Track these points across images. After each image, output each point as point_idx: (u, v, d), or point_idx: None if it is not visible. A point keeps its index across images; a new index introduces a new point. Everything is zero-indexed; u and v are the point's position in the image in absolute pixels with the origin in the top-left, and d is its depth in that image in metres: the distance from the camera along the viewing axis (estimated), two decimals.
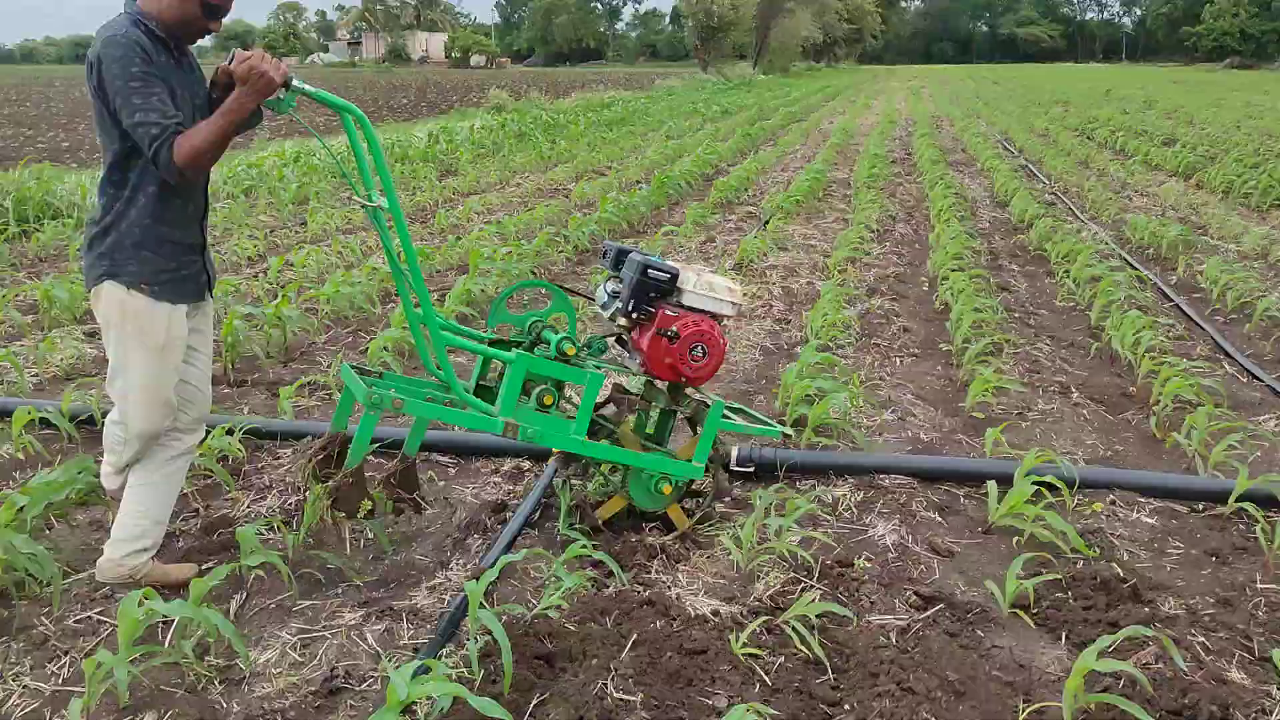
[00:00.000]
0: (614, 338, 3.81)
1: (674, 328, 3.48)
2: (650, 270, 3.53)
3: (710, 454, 3.63)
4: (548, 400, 3.44)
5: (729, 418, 3.68)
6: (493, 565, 2.97)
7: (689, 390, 3.73)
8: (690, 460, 3.59)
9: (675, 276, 3.55)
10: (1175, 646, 2.88)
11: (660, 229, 9.65)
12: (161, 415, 3.13)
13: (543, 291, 3.87)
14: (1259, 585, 3.39)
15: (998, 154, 16.20)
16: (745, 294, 7.26)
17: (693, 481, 3.69)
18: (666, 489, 3.60)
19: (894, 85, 48.43)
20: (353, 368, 3.40)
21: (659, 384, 3.71)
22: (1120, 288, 6.87)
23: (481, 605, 2.87)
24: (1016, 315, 6.87)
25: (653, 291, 3.54)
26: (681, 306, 3.54)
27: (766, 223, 10.03)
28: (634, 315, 3.58)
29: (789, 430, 3.70)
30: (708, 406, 3.62)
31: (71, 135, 20.65)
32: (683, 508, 3.70)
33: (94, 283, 3.03)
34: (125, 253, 2.97)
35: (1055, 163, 14.79)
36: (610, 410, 3.68)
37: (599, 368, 3.64)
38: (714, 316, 3.56)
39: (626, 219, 9.87)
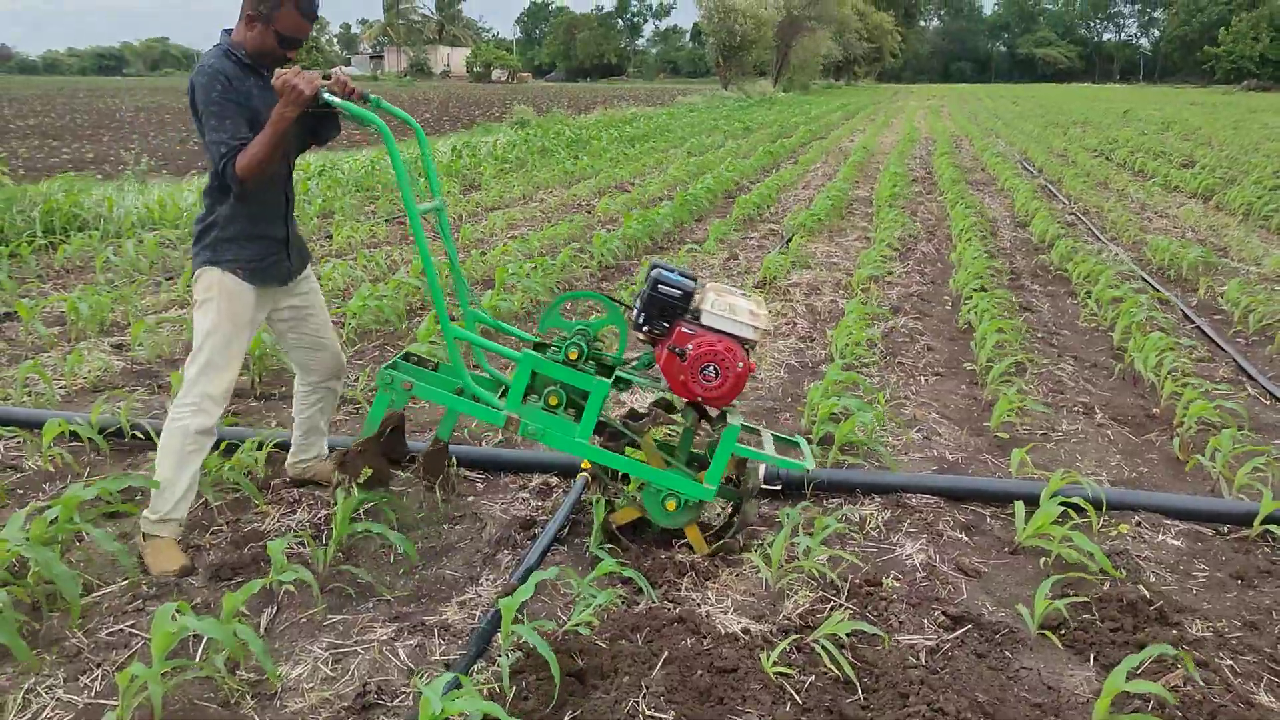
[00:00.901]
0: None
1: (687, 346, 3.49)
2: (661, 286, 3.57)
3: (739, 483, 3.63)
4: (553, 401, 3.60)
5: (747, 443, 3.64)
6: (525, 582, 2.99)
7: (715, 411, 3.72)
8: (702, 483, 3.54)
9: (689, 294, 3.55)
10: (1202, 668, 2.89)
11: (684, 246, 9.68)
12: (228, 382, 3.58)
13: (598, 303, 3.95)
14: None
15: (1017, 173, 16.20)
16: (770, 312, 7.27)
17: (702, 503, 3.61)
18: (671, 505, 3.59)
19: (913, 104, 48.46)
20: (410, 355, 3.80)
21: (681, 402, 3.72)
22: (1142, 309, 6.86)
23: (514, 621, 2.89)
24: (1039, 335, 6.87)
25: (665, 307, 3.56)
26: (700, 325, 3.55)
27: (789, 240, 10.06)
28: (645, 329, 3.62)
29: (811, 464, 3.64)
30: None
31: (96, 147, 20.85)
32: (705, 533, 3.71)
33: (198, 268, 3.56)
34: (223, 245, 3.51)
35: (1074, 183, 14.77)
36: (641, 420, 3.71)
37: (627, 379, 3.70)
38: (735, 338, 3.54)
39: (650, 235, 9.91)
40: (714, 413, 3.75)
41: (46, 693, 2.81)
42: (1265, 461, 4.25)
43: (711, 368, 3.50)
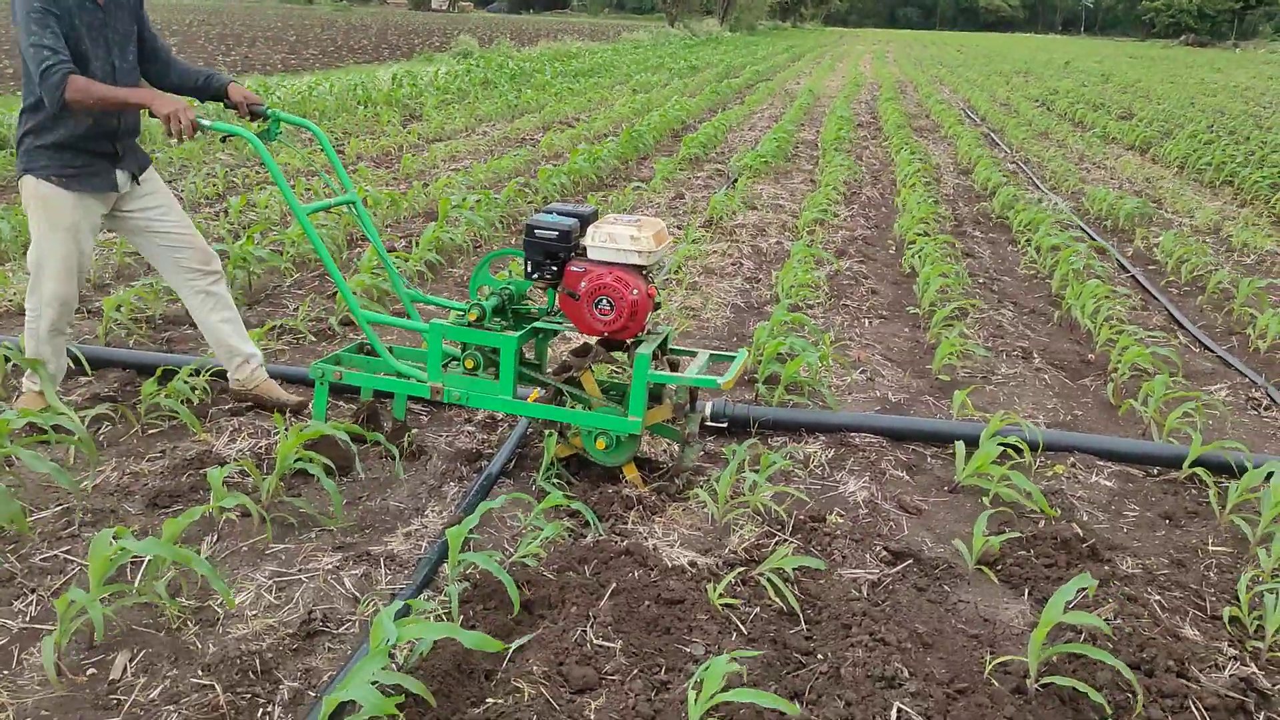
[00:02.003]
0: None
1: (580, 284, 3.45)
2: (536, 230, 3.53)
3: (679, 414, 3.63)
4: (469, 364, 3.64)
5: (661, 369, 3.62)
6: (473, 512, 2.98)
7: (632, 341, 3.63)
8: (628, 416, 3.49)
9: (567, 233, 3.50)
10: (1131, 603, 2.99)
11: (630, 184, 9.61)
12: (60, 287, 3.74)
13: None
14: (1210, 547, 3.50)
15: (960, 121, 16.30)
16: (717, 251, 7.27)
17: (635, 437, 3.55)
18: (600, 444, 3.57)
19: (859, 48, 48.37)
20: (362, 347, 3.95)
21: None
22: (1080, 258, 6.98)
23: (462, 550, 2.88)
24: (980, 281, 6.96)
25: (547, 251, 3.52)
26: (588, 261, 3.50)
27: (735, 181, 10.03)
28: (536, 277, 3.59)
29: (723, 380, 3.48)
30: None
31: (16, 62, 19.95)
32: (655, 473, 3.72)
33: (18, 176, 3.69)
34: (37, 152, 3.61)
35: (1016, 132, 14.92)
36: (573, 364, 3.68)
37: (550, 329, 3.74)
38: (623, 266, 3.46)
39: (595, 172, 9.81)
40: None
41: None
42: (1194, 407, 4.37)
43: (604, 300, 3.45)
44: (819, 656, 2.74)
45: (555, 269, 3.54)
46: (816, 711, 2.50)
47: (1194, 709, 2.55)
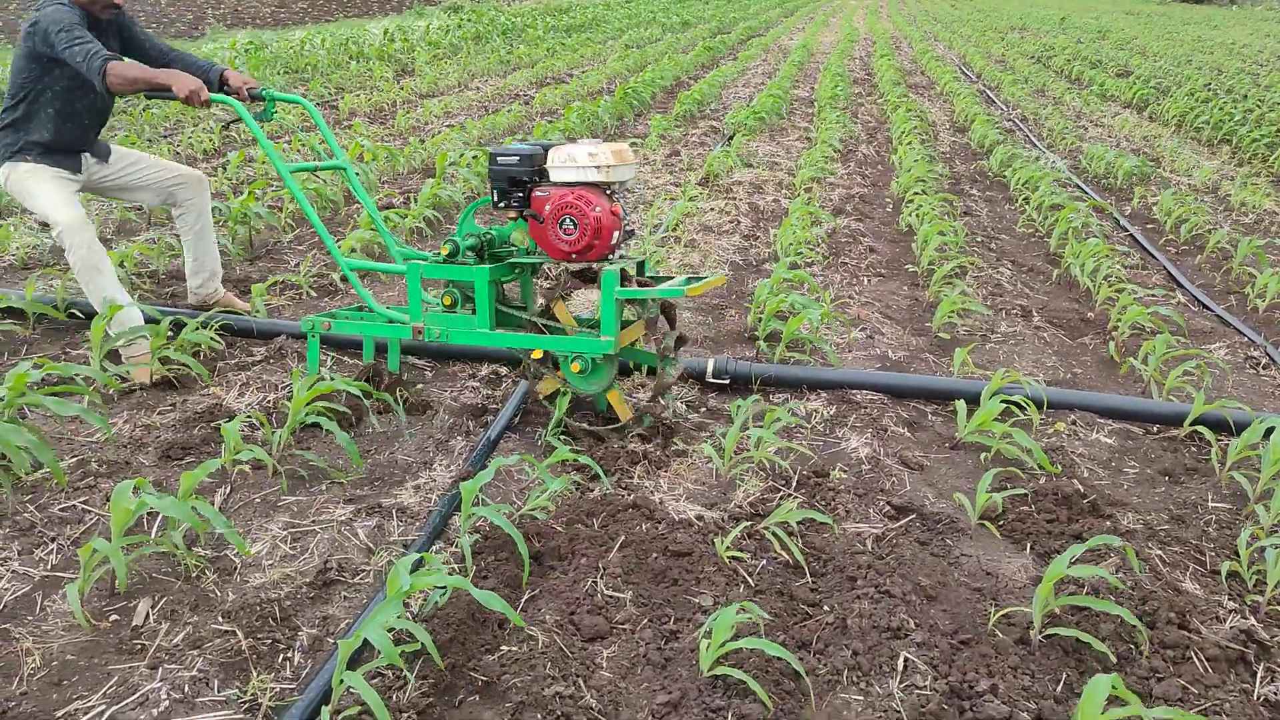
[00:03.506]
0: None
1: (545, 208, 3.49)
2: (498, 158, 3.59)
3: (652, 330, 3.58)
4: (447, 301, 3.73)
5: (629, 285, 3.55)
6: (485, 467, 3.01)
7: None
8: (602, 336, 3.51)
9: (529, 157, 3.55)
10: (1135, 558, 3.05)
11: (625, 141, 9.56)
12: (71, 214, 4.10)
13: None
14: (1210, 504, 3.56)
15: (956, 77, 16.21)
16: (713, 209, 7.27)
17: (610, 358, 3.57)
18: (575, 366, 3.59)
19: (852, 3, 47.89)
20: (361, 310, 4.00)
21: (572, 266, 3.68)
22: (1079, 216, 7.00)
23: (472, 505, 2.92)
24: (979, 240, 6.98)
25: (510, 179, 3.58)
26: (551, 185, 3.54)
27: (731, 138, 9.99)
28: (501, 205, 3.65)
29: (686, 289, 3.51)
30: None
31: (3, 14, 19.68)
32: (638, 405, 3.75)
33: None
34: (14, 142, 4.17)
35: (1013, 89, 14.85)
36: (544, 295, 3.73)
37: (530, 264, 3.79)
38: (584, 185, 3.48)
39: (589, 128, 9.76)
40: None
41: (2, 565, 2.79)
42: (1195, 366, 4.42)
43: (567, 219, 3.46)
44: (825, 608, 2.80)
45: (521, 195, 3.58)
46: (825, 661, 2.56)
47: (1195, 659, 2.61)
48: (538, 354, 3.64)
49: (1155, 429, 4.13)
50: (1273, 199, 8.65)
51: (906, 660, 2.53)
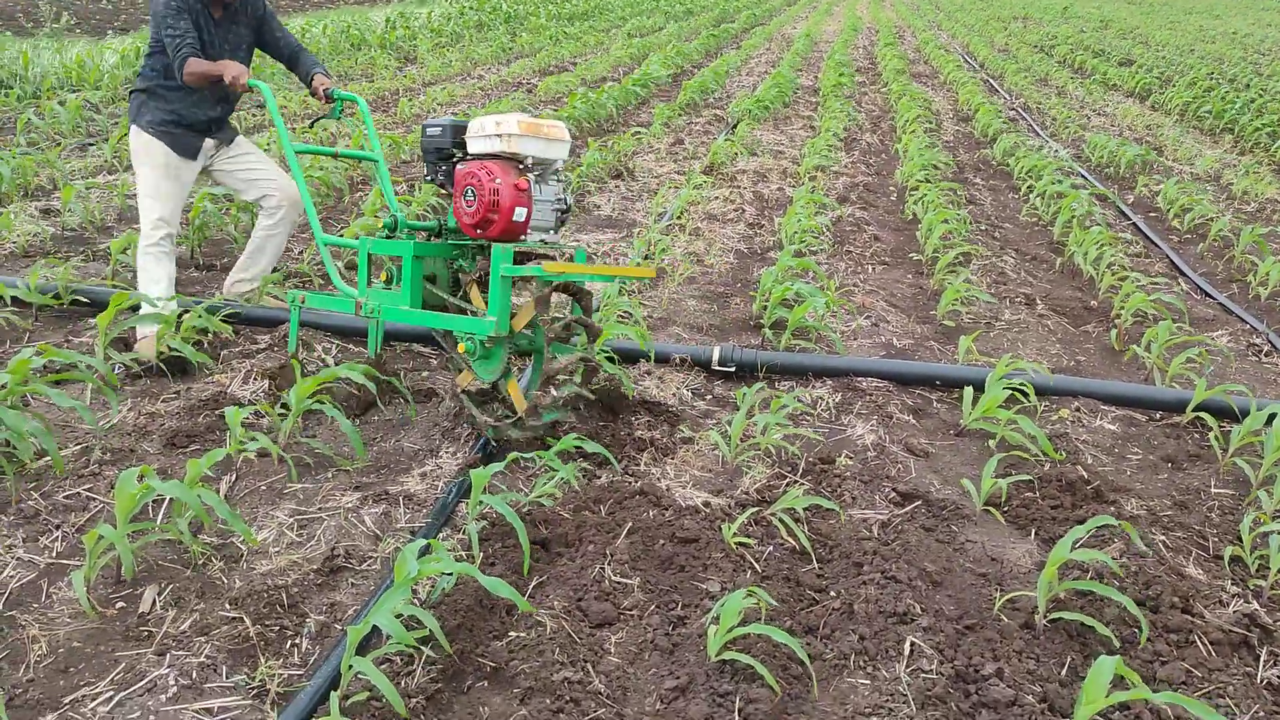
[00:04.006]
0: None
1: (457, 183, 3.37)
2: (426, 129, 3.54)
3: (544, 322, 3.29)
4: (383, 277, 3.69)
5: (520, 263, 3.35)
6: (487, 451, 3.01)
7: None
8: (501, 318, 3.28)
9: (451, 128, 3.47)
10: (1135, 536, 3.05)
11: (629, 129, 9.55)
12: (164, 208, 4.37)
13: None
14: (1212, 490, 3.57)
15: (959, 66, 16.17)
16: (717, 197, 7.27)
17: (499, 340, 3.34)
18: (461, 348, 3.43)
19: None
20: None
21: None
22: (1082, 205, 6.99)
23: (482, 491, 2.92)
24: (983, 228, 6.97)
25: (438, 152, 3.52)
26: (470, 157, 3.42)
27: (734, 127, 9.97)
28: (428, 179, 3.62)
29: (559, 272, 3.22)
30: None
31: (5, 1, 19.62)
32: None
33: (130, 124, 4.47)
34: (145, 109, 4.40)
35: (1016, 78, 14.81)
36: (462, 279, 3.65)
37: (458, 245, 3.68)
38: (492, 156, 3.32)
39: (594, 117, 9.74)
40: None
41: (7, 552, 2.79)
42: (1198, 353, 4.42)
43: (469, 191, 3.29)
44: (832, 594, 2.80)
45: (446, 170, 3.51)
46: (832, 646, 2.57)
47: (1199, 643, 2.62)
48: (463, 347, 3.43)
49: (1158, 416, 4.14)
50: (1274, 187, 8.63)
51: (912, 645, 2.54)
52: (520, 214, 3.28)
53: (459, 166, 3.41)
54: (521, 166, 3.33)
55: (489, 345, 3.37)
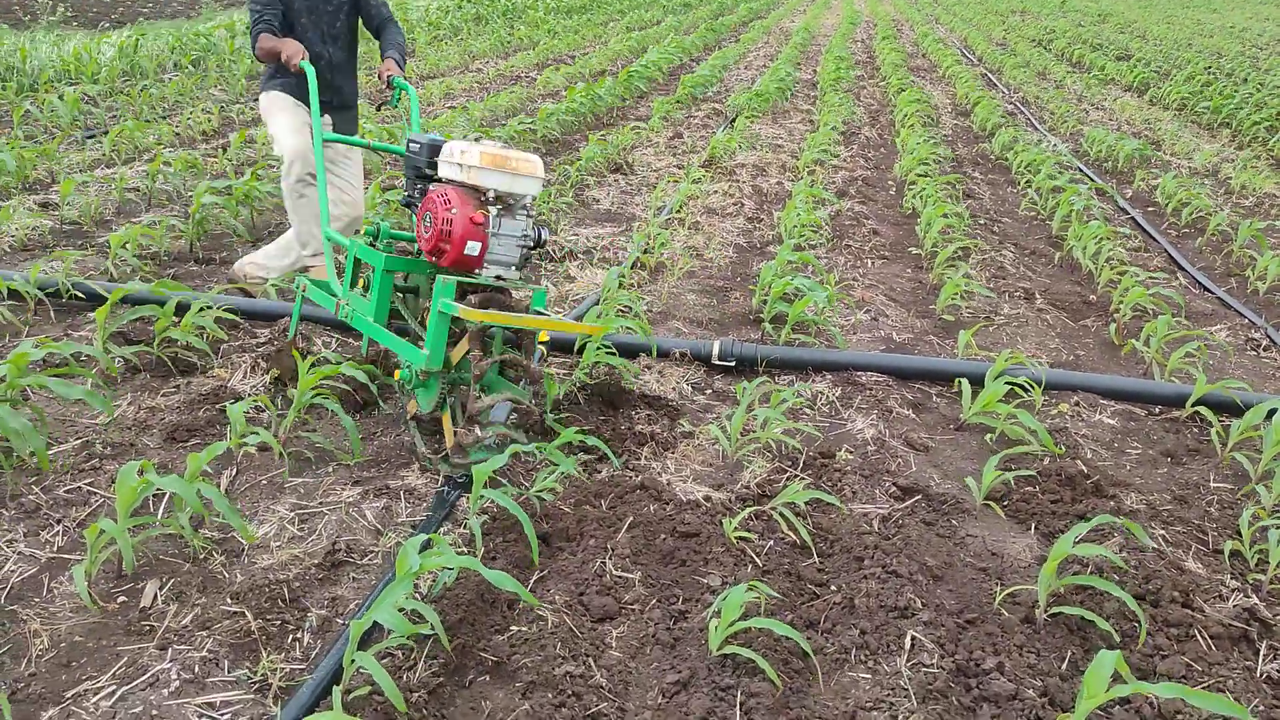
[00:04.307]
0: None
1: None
2: (410, 144, 3.50)
3: (475, 358, 3.18)
4: (361, 283, 3.69)
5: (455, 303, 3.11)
6: (479, 441, 3.01)
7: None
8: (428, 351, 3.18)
9: (428, 147, 3.41)
10: (1136, 538, 3.06)
11: (628, 123, 9.54)
12: (291, 144, 4.64)
13: None
14: (1212, 484, 3.57)
15: (958, 60, 16.15)
16: (716, 191, 7.26)
17: (433, 376, 3.26)
18: (395, 374, 3.37)
19: None
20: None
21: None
22: (1081, 199, 6.99)
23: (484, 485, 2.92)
24: (982, 222, 6.97)
25: (418, 170, 3.47)
26: (442, 181, 3.33)
27: (733, 121, 9.96)
28: (406, 200, 3.58)
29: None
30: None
31: None
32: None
33: (259, 97, 4.87)
34: (271, 79, 4.76)
35: (1014, 73, 14.80)
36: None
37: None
38: (456, 184, 3.21)
39: (593, 110, 9.73)
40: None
41: (8, 546, 2.79)
42: (1196, 348, 4.42)
43: (428, 216, 3.20)
44: (833, 588, 2.81)
45: (422, 189, 3.46)
46: (832, 640, 2.57)
47: (1199, 637, 2.63)
48: (398, 374, 3.36)
49: (1157, 410, 4.14)
50: (1273, 182, 8.64)
51: (913, 639, 2.55)
52: (473, 248, 3.15)
53: (431, 187, 3.32)
54: (483, 198, 3.20)
55: (423, 377, 3.27)
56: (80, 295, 4.43)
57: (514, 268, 3.32)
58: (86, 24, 14.51)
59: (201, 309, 4.12)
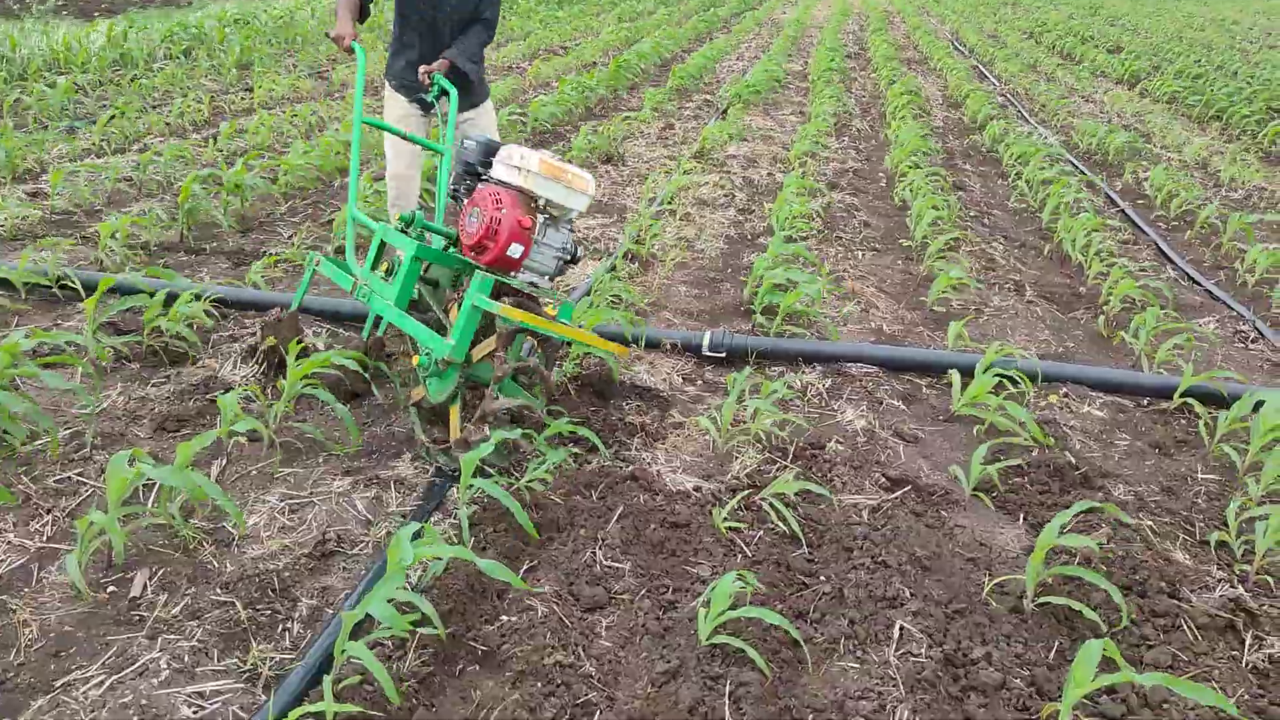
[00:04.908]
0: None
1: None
2: (464, 143, 3.52)
3: (499, 360, 3.17)
4: (385, 268, 3.68)
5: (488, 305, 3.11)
6: (487, 440, 3.02)
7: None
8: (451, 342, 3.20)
9: (485, 147, 3.43)
10: (1124, 528, 3.08)
11: (620, 114, 9.52)
12: (397, 162, 4.67)
13: None
14: (1199, 476, 3.59)
15: (949, 53, 16.15)
16: (708, 183, 7.26)
17: (453, 364, 3.26)
18: (414, 359, 3.39)
19: None
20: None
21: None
22: (1071, 191, 7.00)
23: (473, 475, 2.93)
24: (972, 214, 6.98)
25: (468, 166, 3.48)
26: (492, 181, 3.34)
27: (725, 112, 9.96)
28: (453, 190, 3.57)
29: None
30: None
31: None
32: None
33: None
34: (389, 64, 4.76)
35: (1006, 65, 14.80)
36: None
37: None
38: (507, 186, 3.24)
39: (584, 102, 9.71)
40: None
41: None
42: (1185, 339, 4.44)
43: (476, 212, 3.23)
44: (822, 578, 2.82)
45: (469, 185, 3.48)
46: (821, 630, 2.59)
47: (1185, 627, 2.65)
48: (416, 360, 3.39)
49: (1146, 402, 4.16)
50: (1261, 175, 8.66)
51: (902, 629, 2.56)
52: (515, 250, 3.19)
53: (479, 185, 3.37)
54: (534, 205, 3.28)
55: (443, 366, 3.30)
56: (71, 284, 4.41)
57: (549, 277, 3.39)
58: (77, 14, 14.42)
59: (195, 297, 4.12)
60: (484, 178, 3.41)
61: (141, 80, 9.58)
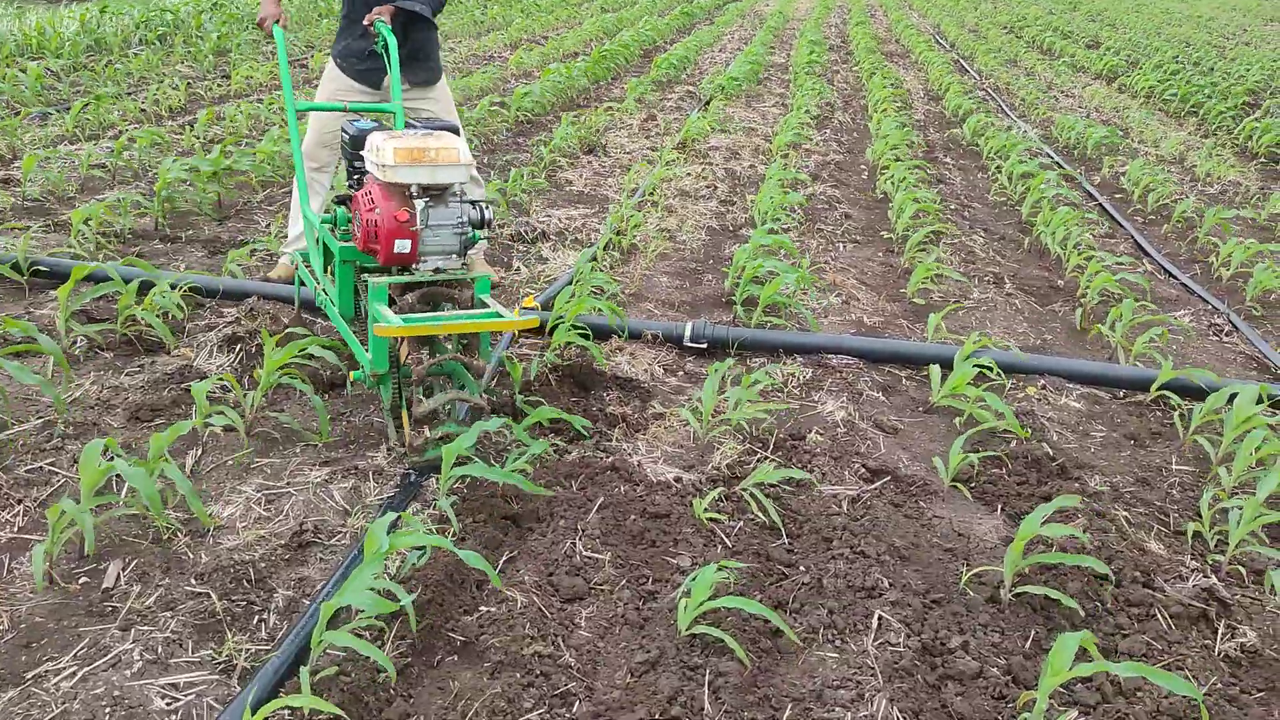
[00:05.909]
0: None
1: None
2: (345, 132, 3.42)
3: (415, 359, 3.05)
4: (329, 269, 3.62)
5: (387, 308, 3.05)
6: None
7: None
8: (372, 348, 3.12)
9: (353, 139, 3.34)
10: (1100, 519, 3.10)
11: (602, 104, 9.50)
12: (311, 138, 4.55)
13: None
14: (1174, 467, 3.62)
15: (931, 46, 16.19)
16: (690, 174, 7.25)
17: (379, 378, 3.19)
18: (350, 376, 3.29)
19: None
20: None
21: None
22: (1050, 185, 7.04)
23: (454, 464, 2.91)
24: (953, 207, 7.00)
25: (353, 159, 3.39)
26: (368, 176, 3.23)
27: (707, 103, 9.94)
28: (349, 184, 3.50)
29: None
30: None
31: None
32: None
33: None
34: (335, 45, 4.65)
35: (986, 59, 14.85)
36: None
37: None
38: (383, 184, 3.10)
39: (565, 92, 9.67)
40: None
41: None
42: (1161, 333, 4.47)
43: (356, 216, 3.16)
44: (801, 568, 2.82)
45: (358, 178, 3.37)
46: (801, 620, 2.59)
47: (1159, 616, 2.67)
48: (351, 375, 3.28)
49: (1122, 394, 4.19)
50: (1237, 170, 8.74)
51: (880, 619, 2.57)
52: (402, 245, 3.06)
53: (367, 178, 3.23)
54: (408, 193, 3.08)
55: (374, 378, 3.20)
56: (43, 270, 4.36)
57: (455, 255, 3.22)
58: None
59: (171, 286, 4.08)
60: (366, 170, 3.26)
61: (116, 66, 9.47)
